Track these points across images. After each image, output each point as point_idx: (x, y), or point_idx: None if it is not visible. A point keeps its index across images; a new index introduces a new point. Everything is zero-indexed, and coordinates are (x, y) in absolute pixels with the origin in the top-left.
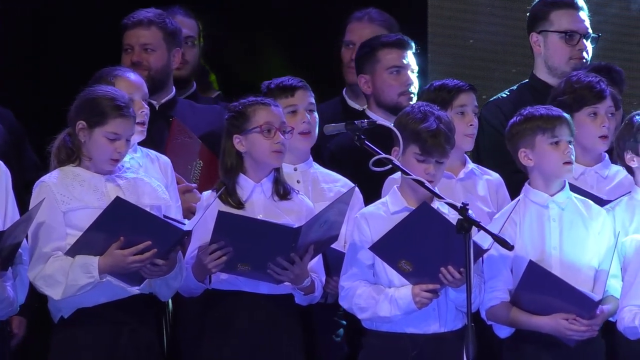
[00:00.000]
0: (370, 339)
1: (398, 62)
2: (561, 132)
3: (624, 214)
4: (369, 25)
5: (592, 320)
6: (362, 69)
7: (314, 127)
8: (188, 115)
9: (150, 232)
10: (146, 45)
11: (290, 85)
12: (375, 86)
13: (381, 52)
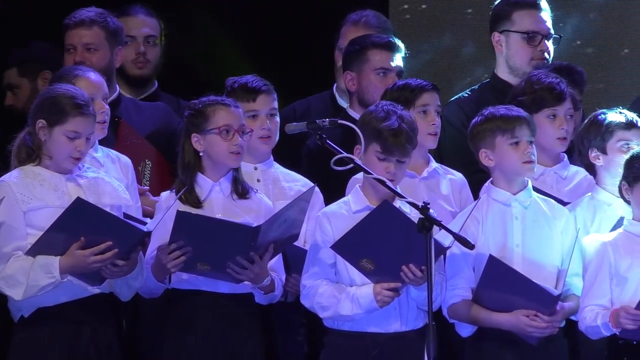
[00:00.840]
0: (331, 337)
1: (386, 64)
2: (521, 133)
3: (585, 214)
4: (364, 29)
5: (553, 317)
6: (350, 66)
7: (274, 132)
8: (133, 114)
9: (111, 233)
10: (88, 45)
11: (253, 88)
12: (361, 85)
13: (371, 52)
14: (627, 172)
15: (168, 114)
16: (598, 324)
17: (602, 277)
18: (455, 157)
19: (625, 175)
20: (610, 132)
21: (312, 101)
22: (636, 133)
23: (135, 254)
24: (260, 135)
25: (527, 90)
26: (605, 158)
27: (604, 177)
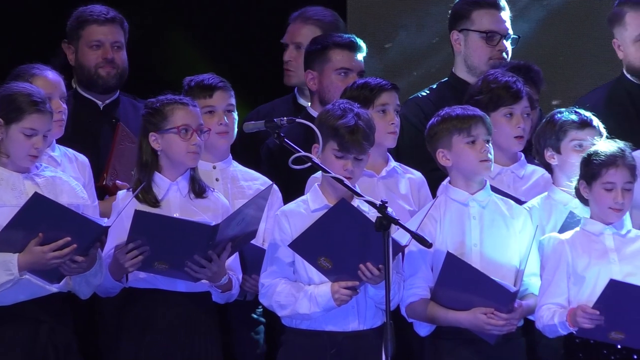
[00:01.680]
0: (289, 336)
1: (347, 64)
2: (477, 131)
3: (541, 213)
4: (301, 26)
5: (511, 315)
6: (311, 65)
7: (231, 128)
8: (131, 114)
9: (69, 228)
10: (116, 43)
11: (209, 85)
12: (322, 84)
13: (332, 52)
14: (585, 170)
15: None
16: (555, 323)
17: (559, 276)
18: (413, 155)
19: (582, 174)
20: (564, 132)
21: (276, 103)
22: (590, 133)
23: (94, 250)
24: (218, 131)
25: (483, 89)
26: (559, 157)
27: (559, 176)
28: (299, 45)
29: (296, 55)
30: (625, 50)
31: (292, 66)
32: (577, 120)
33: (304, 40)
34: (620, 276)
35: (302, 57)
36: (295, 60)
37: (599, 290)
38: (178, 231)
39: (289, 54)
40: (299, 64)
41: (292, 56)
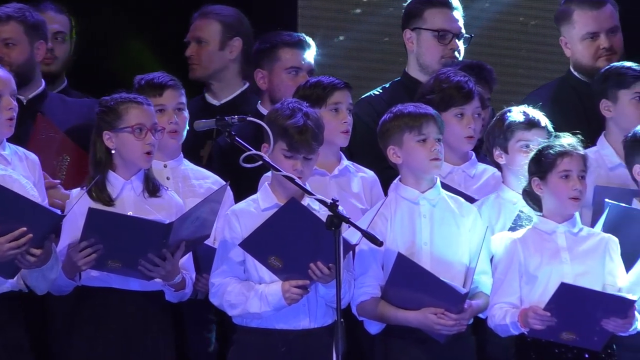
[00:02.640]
0: (240, 335)
1: (297, 63)
2: (428, 130)
3: (490, 212)
4: (199, 21)
5: (460, 315)
6: (260, 64)
7: (182, 127)
8: (58, 109)
9: (24, 217)
10: (6, 40)
11: (159, 83)
12: (273, 84)
13: (281, 51)
14: (536, 167)
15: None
16: (507, 323)
17: (511, 275)
18: (366, 154)
19: (534, 172)
20: (511, 132)
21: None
22: (537, 133)
23: (49, 242)
24: (168, 130)
25: (435, 88)
26: (507, 157)
27: (508, 175)
28: (199, 40)
29: (197, 49)
30: (573, 47)
31: (195, 60)
32: (524, 121)
33: (204, 35)
34: (572, 276)
35: (203, 51)
36: (197, 55)
37: (551, 290)
38: (132, 229)
39: (191, 49)
40: (201, 59)
41: (193, 51)
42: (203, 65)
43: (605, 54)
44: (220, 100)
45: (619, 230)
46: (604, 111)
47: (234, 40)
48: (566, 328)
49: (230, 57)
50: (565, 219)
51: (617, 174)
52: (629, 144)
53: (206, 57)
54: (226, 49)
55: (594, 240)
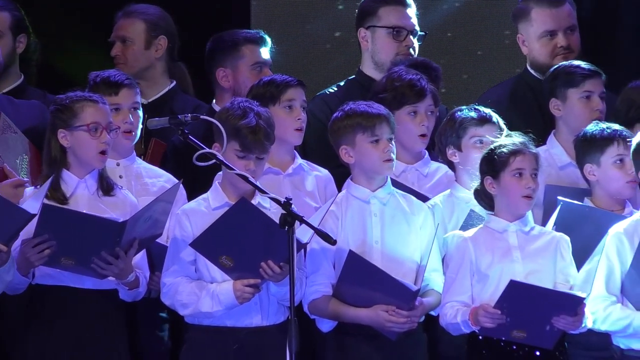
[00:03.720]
0: (192, 333)
1: (261, 59)
2: (381, 131)
3: (443, 211)
4: (123, 20)
5: (412, 312)
6: (221, 63)
7: (136, 127)
8: (8, 111)
9: None
10: None
11: (115, 82)
12: (237, 81)
13: (245, 48)
14: (489, 166)
15: (44, 111)
16: (458, 321)
17: (463, 274)
18: (320, 152)
19: (486, 170)
20: (464, 129)
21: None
22: (489, 129)
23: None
24: (123, 129)
25: (388, 87)
26: (461, 155)
27: (461, 174)
28: (124, 40)
29: (123, 49)
30: (530, 45)
31: (121, 60)
32: (476, 117)
33: (129, 34)
34: (523, 274)
35: (128, 50)
36: (122, 54)
37: (502, 288)
38: (85, 227)
39: (116, 49)
40: (126, 58)
41: (118, 51)
42: (129, 65)
43: (563, 52)
44: (148, 99)
45: (571, 228)
46: (554, 110)
47: (159, 39)
48: (517, 326)
49: (156, 56)
50: (516, 217)
51: (567, 173)
52: (579, 144)
53: (132, 56)
54: (152, 47)
55: (545, 239)
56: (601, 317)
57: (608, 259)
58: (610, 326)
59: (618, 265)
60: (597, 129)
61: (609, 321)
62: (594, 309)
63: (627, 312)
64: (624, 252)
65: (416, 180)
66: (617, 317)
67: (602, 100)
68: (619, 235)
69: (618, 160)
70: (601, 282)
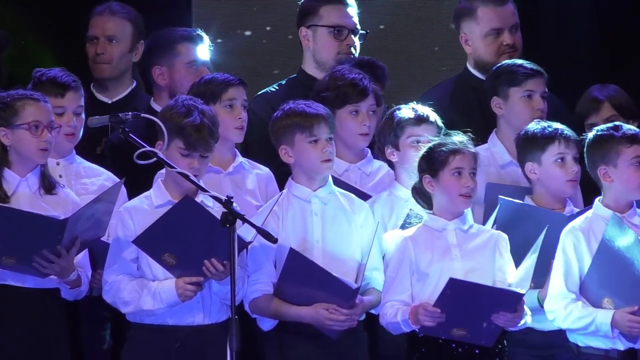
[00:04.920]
0: (134, 332)
1: (197, 57)
2: (320, 131)
3: (383, 209)
4: (109, 19)
5: (352, 310)
6: (158, 61)
7: (78, 130)
8: None
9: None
10: None
11: (62, 84)
12: (173, 79)
13: (180, 46)
14: (427, 165)
15: None
16: (398, 321)
17: (402, 273)
18: (262, 151)
19: (425, 169)
20: (401, 128)
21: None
22: (426, 128)
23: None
24: (65, 132)
25: (330, 85)
26: (399, 154)
27: (400, 173)
28: (111, 39)
29: (109, 48)
30: (474, 44)
31: (106, 59)
32: (413, 117)
33: (118, 34)
34: (462, 272)
35: (115, 50)
36: (108, 54)
37: (442, 287)
38: (26, 225)
39: (102, 47)
40: (112, 58)
41: (104, 49)
42: (113, 65)
43: (508, 50)
44: (112, 98)
45: (511, 226)
46: (495, 109)
47: (140, 43)
48: (457, 324)
49: (135, 60)
50: (455, 216)
51: (507, 171)
52: (521, 142)
53: (117, 56)
54: (134, 51)
55: (483, 237)
56: (562, 316)
57: (565, 256)
58: (571, 324)
59: (575, 262)
60: (538, 128)
61: (570, 319)
62: (554, 307)
63: (588, 310)
64: (581, 248)
65: (359, 179)
66: (579, 315)
67: (544, 100)
68: (575, 232)
69: (559, 158)
70: (560, 279)
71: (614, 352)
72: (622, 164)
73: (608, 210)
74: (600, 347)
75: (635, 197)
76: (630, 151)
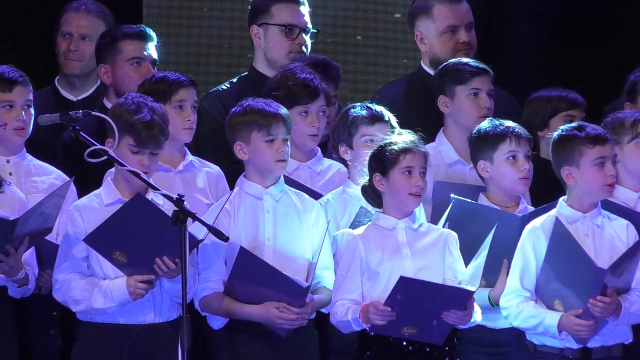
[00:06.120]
0: (84, 330)
1: (139, 54)
2: (277, 131)
3: (336, 208)
4: (85, 17)
5: (302, 309)
6: (103, 59)
7: (28, 124)
8: None
9: None
10: None
11: (9, 79)
12: (116, 77)
13: (122, 43)
14: (378, 163)
15: None
16: (349, 319)
17: (353, 272)
18: (213, 149)
19: (375, 167)
20: (355, 127)
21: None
22: (380, 127)
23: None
24: (15, 127)
25: (281, 84)
26: (352, 153)
27: (353, 171)
28: (84, 37)
29: (82, 46)
30: (430, 42)
31: (77, 56)
32: (367, 116)
33: (92, 32)
34: (413, 271)
35: (87, 48)
36: (81, 51)
37: (393, 285)
38: None
39: (75, 44)
40: (84, 55)
41: (77, 46)
42: (85, 62)
43: (464, 48)
44: (78, 96)
45: (462, 225)
46: (442, 107)
47: None
48: (407, 322)
49: None
50: (405, 214)
51: (455, 170)
52: (473, 141)
53: (89, 55)
54: None
55: (433, 236)
56: (514, 314)
57: (524, 254)
58: (521, 323)
59: (533, 261)
60: (490, 126)
61: (521, 318)
62: (508, 304)
63: (539, 310)
64: (540, 247)
65: (309, 178)
66: (529, 314)
67: (490, 98)
68: (536, 231)
69: (510, 156)
70: (516, 277)
71: (568, 351)
72: (585, 164)
73: (571, 210)
74: (556, 345)
75: (599, 198)
76: (592, 152)
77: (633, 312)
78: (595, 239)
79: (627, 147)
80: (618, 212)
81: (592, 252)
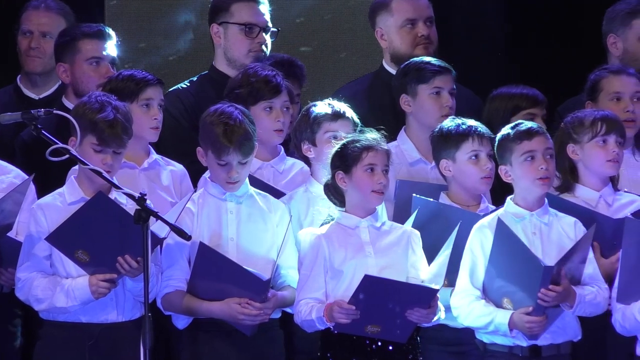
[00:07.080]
0: (46, 329)
1: (97, 53)
2: (229, 157)
3: (299, 206)
4: (45, 14)
5: (264, 304)
6: (62, 58)
7: None
8: None
9: None
10: None
11: None
12: (75, 76)
13: (81, 42)
14: (341, 161)
15: None
16: (313, 318)
17: (316, 271)
18: (174, 147)
19: (338, 165)
20: (318, 124)
21: None
22: (343, 124)
23: None
24: None
25: (243, 82)
26: (315, 150)
27: (317, 169)
28: (45, 34)
29: (43, 43)
30: (390, 37)
31: (39, 53)
32: (330, 113)
33: (53, 30)
34: (377, 269)
35: (48, 46)
36: (42, 48)
37: (356, 284)
38: None
39: (36, 41)
40: (46, 53)
41: (39, 43)
42: (45, 60)
43: (424, 41)
44: (40, 95)
45: (425, 224)
46: (404, 106)
47: None
48: (371, 321)
49: None
50: (368, 213)
51: (417, 169)
52: (435, 139)
53: (50, 52)
54: None
55: (396, 234)
56: (464, 313)
57: (472, 253)
58: (472, 322)
59: (482, 259)
60: (452, 125)
61: (472, 317)
62: (459, 304)
63: (489, 309)
64: (488, 245)
65: (272, 177)
66: (480, 313)
67: (452, 97)
68: (483, 229)
69: (473, 155)
70: (465, 276)
71: (518, 349)
72: (515, 161)
73: (518, 208)
74: (505, 344)
75: (537, 193)
76: (520, 147)
77: (589, 301)
78: (542, 237)
79: (587, 146)
80: (570, 211)
81: (540, 249)
